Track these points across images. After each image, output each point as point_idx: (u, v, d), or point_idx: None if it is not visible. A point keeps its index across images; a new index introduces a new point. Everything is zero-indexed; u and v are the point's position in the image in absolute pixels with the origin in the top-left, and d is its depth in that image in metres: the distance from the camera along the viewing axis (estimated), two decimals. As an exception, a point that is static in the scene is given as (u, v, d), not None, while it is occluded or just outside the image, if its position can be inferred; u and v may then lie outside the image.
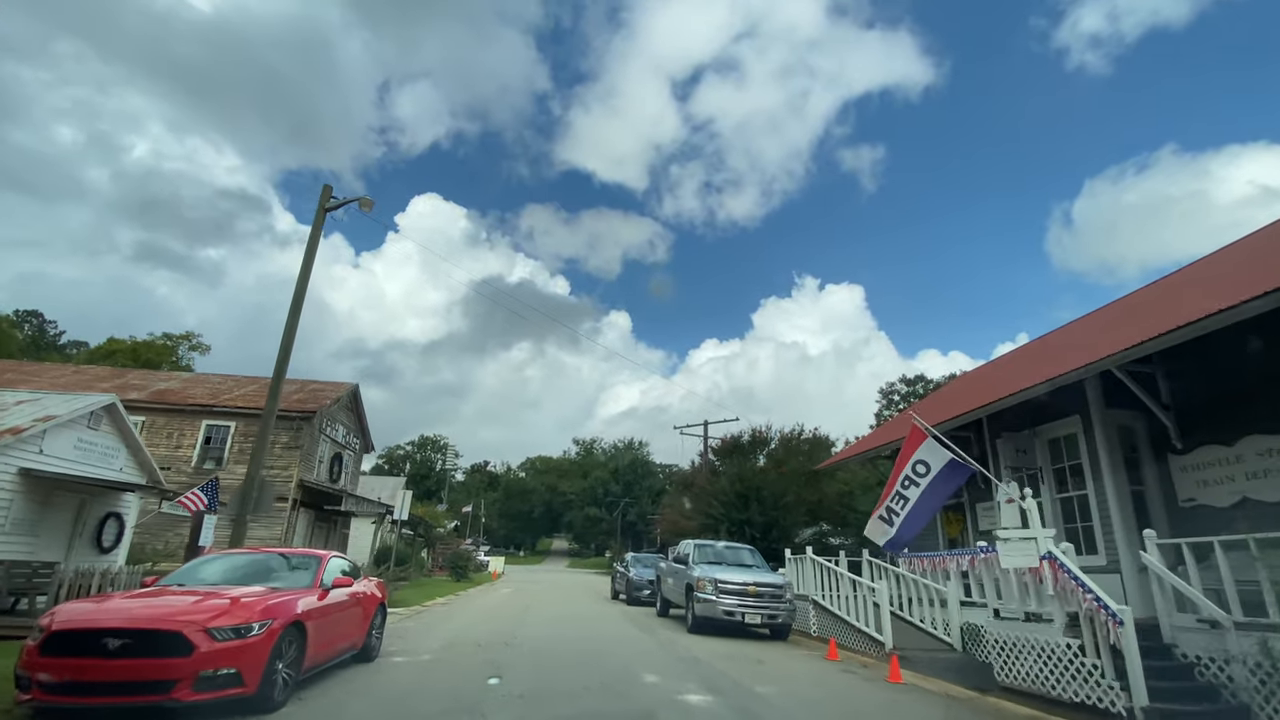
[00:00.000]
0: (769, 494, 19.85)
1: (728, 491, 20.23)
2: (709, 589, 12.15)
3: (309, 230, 13.38)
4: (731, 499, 20.06)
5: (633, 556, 22.29)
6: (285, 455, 23.92)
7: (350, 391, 28.69)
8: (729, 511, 20.06)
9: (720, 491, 20.58)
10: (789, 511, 19.89)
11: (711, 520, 20.29)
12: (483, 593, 26.57)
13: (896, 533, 8.34)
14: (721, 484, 20.84)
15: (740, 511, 20.04)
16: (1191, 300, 8.17)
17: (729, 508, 20.10)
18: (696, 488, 24.43)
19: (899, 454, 8.58)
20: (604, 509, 62.41)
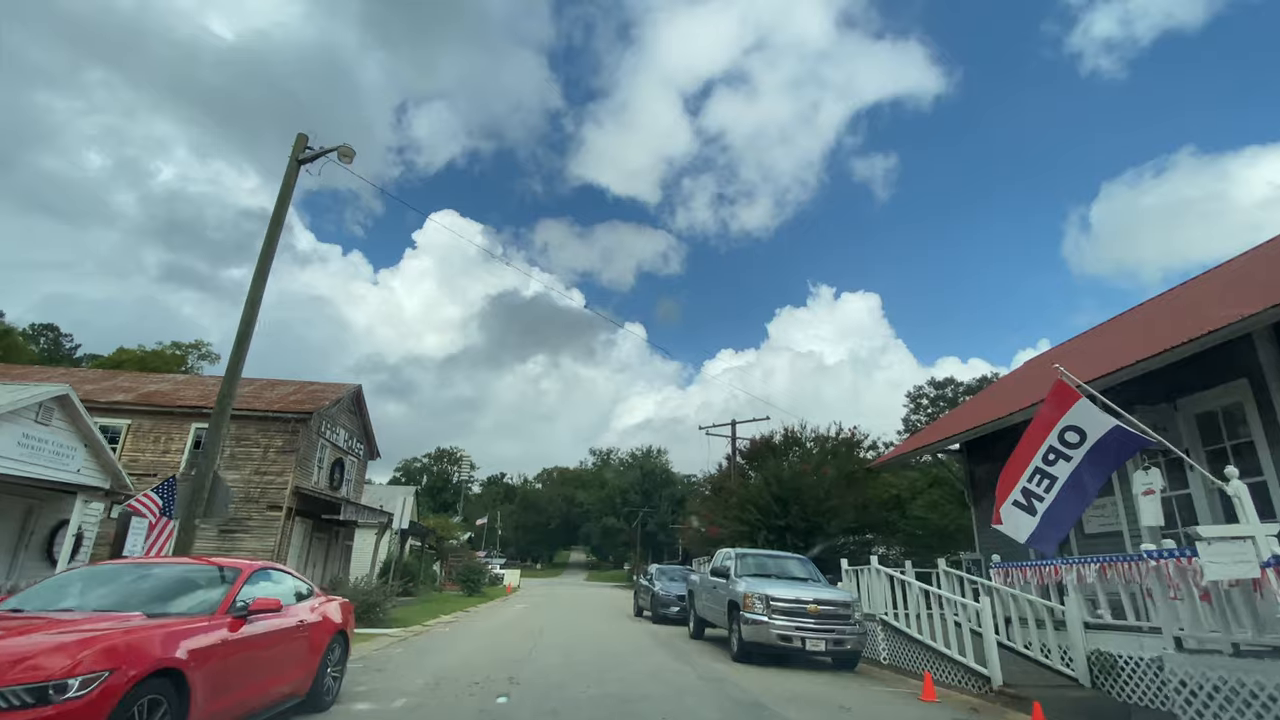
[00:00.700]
0: (811, 497, 17.55)
1: (764, 494, 17.95)
2: (758, 607, 9.90)
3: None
4: (769, 503, 17.77)
5: (657, 569, 20.03)
6: (280, 460, 22.06)
7: (352, 393, 26.87)
8: (766, 517, 17.77)
9: (755, 495, 18.30)
10: (834, 516, 17.56)
11: (746, 527, 18.00)
12: (493, 610, 24.41)
13: (1040, 523, 6.04)
14: (756, 486, 18.57)
15: (779, 516, 17.74)
16: None
17: (766, 513, 17.80)
18: (726, 492, 22.14)
19: (1035, 420, 6.30)
20: (622, 519, 60.01)
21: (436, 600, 28.13)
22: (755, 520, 17.61)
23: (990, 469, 13.52)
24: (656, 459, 63.49)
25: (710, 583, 12.41)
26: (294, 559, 22.41)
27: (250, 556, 21.23)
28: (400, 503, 18.35)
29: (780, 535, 17.29)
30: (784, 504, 17.81)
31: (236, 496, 21.70)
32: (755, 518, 17.60)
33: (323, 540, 25.13)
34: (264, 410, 22.36)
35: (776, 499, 17.75)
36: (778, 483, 17.99)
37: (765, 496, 17.78)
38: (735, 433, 25.72)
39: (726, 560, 11.98)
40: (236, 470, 21.83)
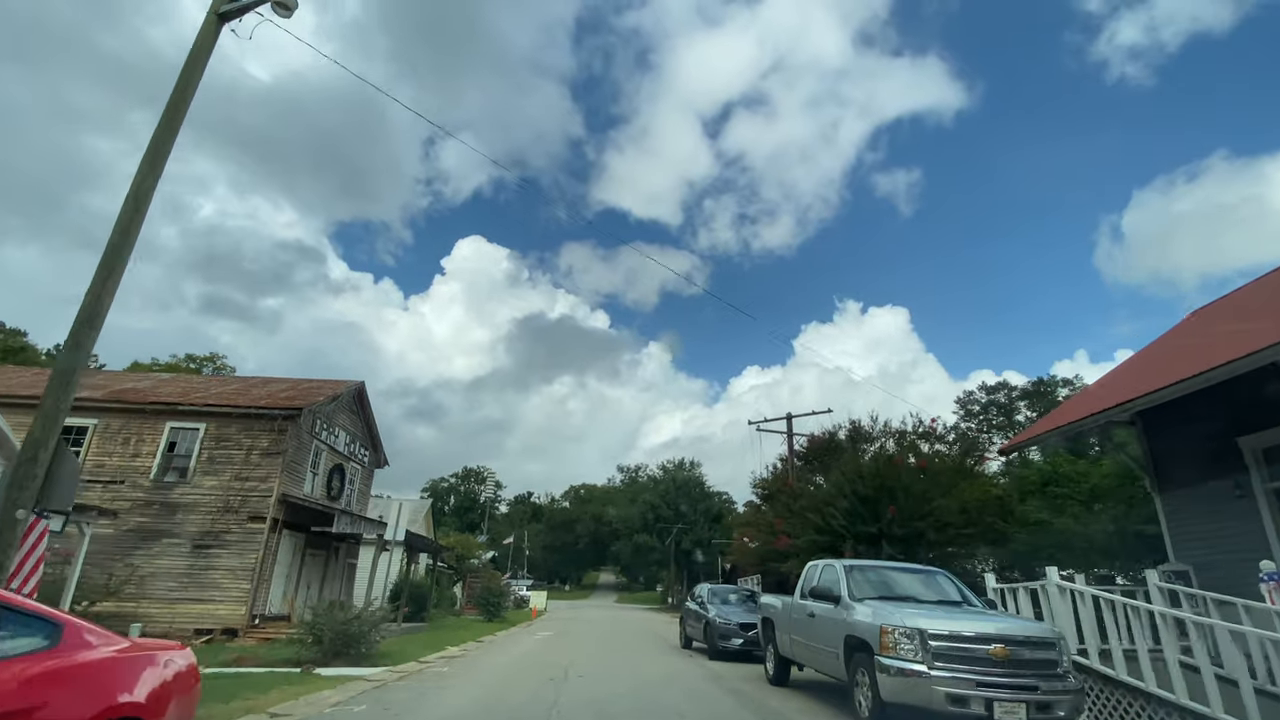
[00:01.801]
0: (910, 496, 13.77)
1: (845, 494, 14.20)
2: (906, 648, 6.23)
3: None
4: (854, 504, 14.02)
5: (709, 590, 16.31)
6: (264, 463, 19.04)
7: (353, 390, 23.86)
8: (853, 522, 13.99)
9: (834, 495, 14.55)
10: (942, 522, 13.73)
11: (826, 536, 14.24)
12: (513, 639, 20.85)
13: None
14: (834, 484, 14.81)
15: (868, 521, 13.96)
16: None
17: (852, 517, 14.04)
18: (786, 495, 18.40)
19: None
20: (655, 535, 55.95)
21: (449, 627, 24.69)
22: (839, 527, 13.85)
23: (1192, 444, 9.66)
24: (690, 471, 59.50)
25: (804, 609, 8.73)
26: (281, 578, 19.25)
27: (229, 575, 18.13)
28: (395, 510, 15.04)
29: (873, 546, 13.51)
30: (873, 506, 14.04)
31: (214, 506, 18.76)
32: (839, 524, 13.83)
33: (318, 558, 21.97)
34: (247, 407, 19.41)
35: (863, 499, 14.00)
36: (863, 479, 14.23)
37: (848, 496, 14.02)
38: (791, 427, 21.99)
39: (831, 576, 8.31)
40: (214, 475, 18.91)
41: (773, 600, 10.54)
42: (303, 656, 12.35)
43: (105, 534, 18.07)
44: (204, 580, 17.89)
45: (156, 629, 17.35)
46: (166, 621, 17.47)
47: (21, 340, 57.88)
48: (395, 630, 20.56)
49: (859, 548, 13.62)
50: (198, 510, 18.53)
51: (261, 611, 18.16)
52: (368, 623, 12.73)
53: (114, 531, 18.15)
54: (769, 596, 10.95)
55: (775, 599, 10.48)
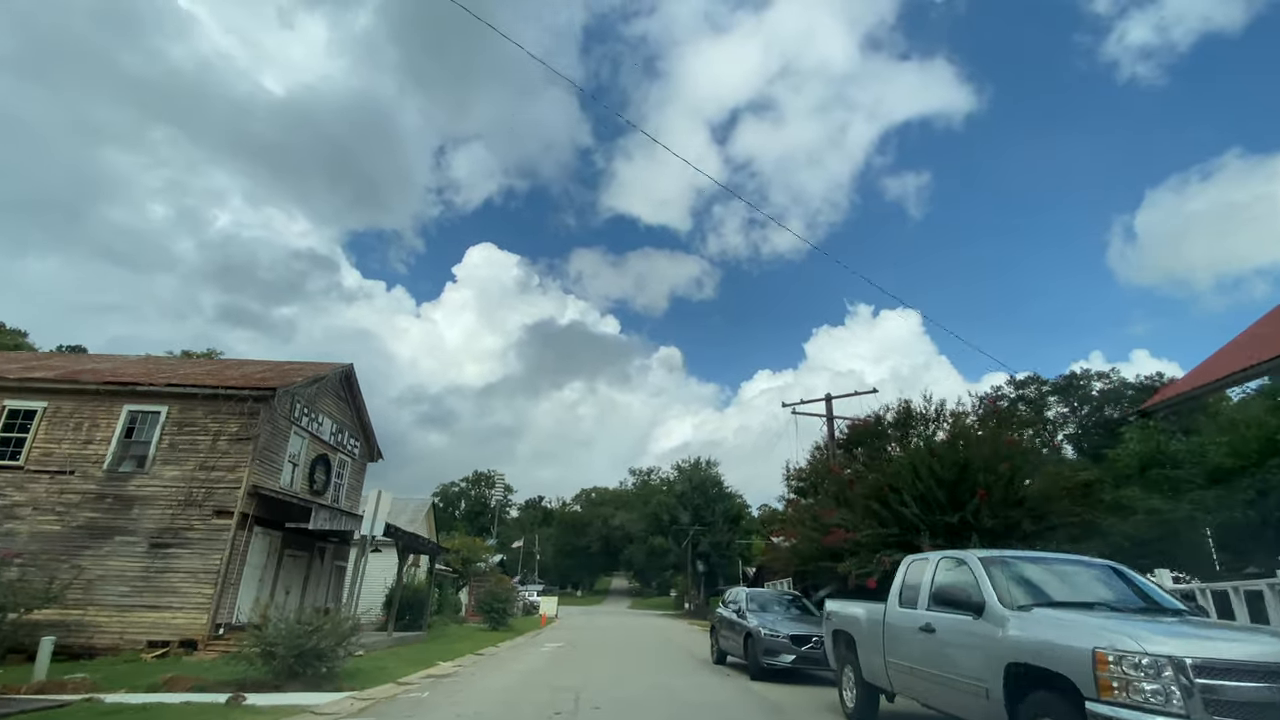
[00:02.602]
0: (998, 480, 11.11)
1: (921, 477, 11.56)
2: (1152, 688, 3.64)
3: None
4: (931, 489, 11.36)
5: (748, 595, 13.68)
6: (232, 450, 16.70)
7: (340, 373, 21.53)
8: (929, 511, 11.34)
9: (903, 477, 11.90)
10: (1038, 511, 11.06)
11: (894, 529, 11.61)
12: (518, 651, 18.35)
13: None
14: (902, 466, 12.14)
15: (947, 510, 11.32)
16: None
17: (928, 504, 11.39)
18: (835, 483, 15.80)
19: None
20: (670, 538, 53.12)
21: (448, 637, 22.23)
22: (913, 517, 11.18)
23: None
24: (707, 470, 56.72)
25: (911, 621, 6.12)
26: (252, 582, 16.89)
27: (189, 578, 15.80)
28: (373, 501, 12.61)
29: (954, 539, 10.86)
30: (952, 490, 11.39)
31: (175, 499, 16.45)
32: (913, 513, 11.17)
33: (299, 560, 19.60)
34: (214, 387, 17.10)
35: (942, 483, 11.35)
36: (940, 459, 11.57)
37: (924, 480, 11.35)
38: (831, 410, 19.35)
39: (962, 575, 5.70)
40: (176, 465, 16.61)
41: (848, 609, 7.94)
42: (248, 677, 9.93)
43: (51, 530, 15.87)
44: (161, 584, 15.55)
45: (105, 640, 15.06)
46: (116, 632, 15.16)
47: (20, 339, 56.41)
48: (384, 641, 18.14)
49: (939, 543, 10.98)
50: (156, 504, 16.22)
51: (228, 620, 15.79)
52: (333, 635, 10.27)
53: (61, 528, 15.92)
54: (841, 603, 8.34)
55: (852, 606, 7.88)
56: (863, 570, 11.52)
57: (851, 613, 7.77)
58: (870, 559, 11.54)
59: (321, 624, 10.44)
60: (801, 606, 13.37)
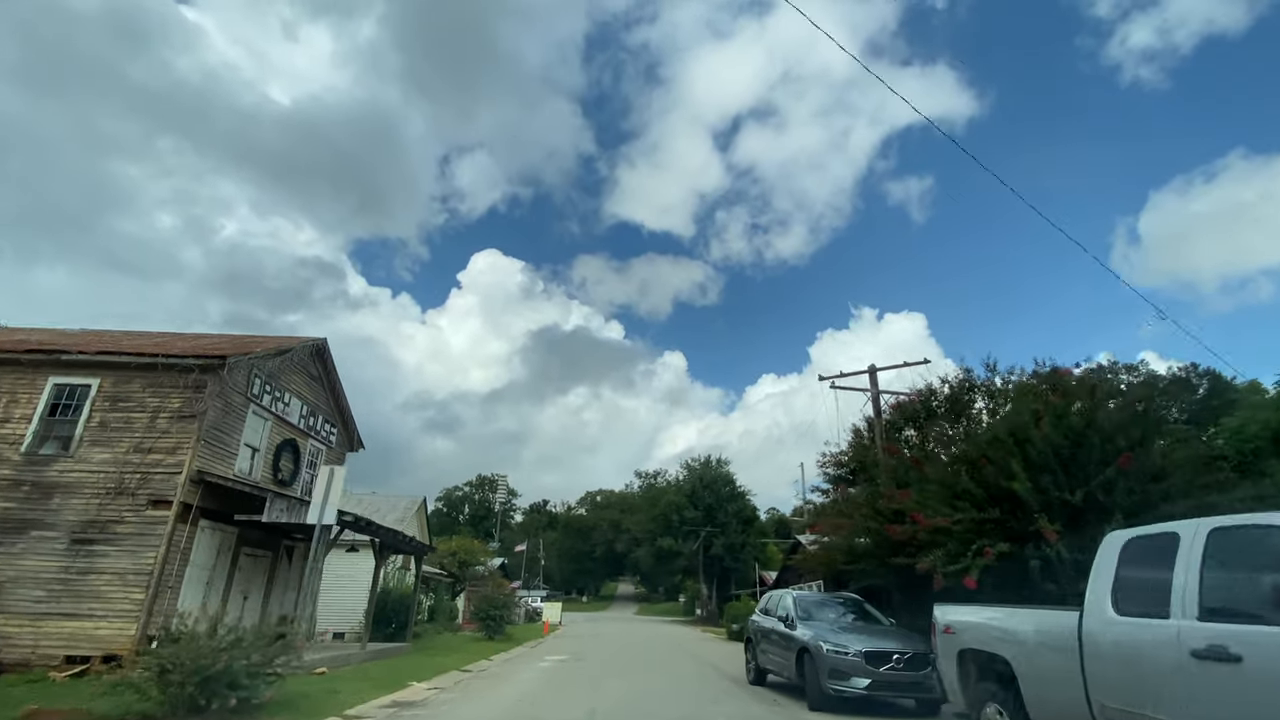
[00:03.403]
0: (1131, 449, 8.42)
1: (1036, 445, 8.84)
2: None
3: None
4: (1047, 459, 8.64)
5: (794, 598, 10.92)
6: (173, 430, 14.13)
7: (311, 348, 18.97)
8: (1044, 487, 8.62)
9: (999, 452, 9.18)
10: (1188, 483, 8.38)
11: (996, 514, 8.90)
12: (512, 667, 15.69)
13: None
14: (1004, 431, 9.38)
15: (1064, 486, 8.62)
16: None
17: (1042, 478, 8.66)
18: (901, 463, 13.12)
19: None
20: (680, 539, 50.30)
21: (436, 649, 19.59)
22: (1026, 495, 8.42)
23: None
24: (718, 469, 53.89)
25: (1175, 640, 3.44)
26: (197, 585, 14.29)
27: (117, 581, 13.21)
28: (323, 482, 10.01)
29: (1076, 521, 8.19)
30: (1064, 462, 8.71)
31: (104, 487, 13.89)
32: (1026, 489, 8.41)
33: (260, 560, 17.00)
34: (154, 355, 14.55)
35: (1056, 451, 8.66)
36: (1061, 419, 8.85)
37: (1038, 446, 8.61)
38: (877, 383, 16.65)
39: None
40: (108, 447, 14.06)
41: (993, 618, 5.25)
42: (134, 710, 7.32)
43: None
44: (82, 588, 12.95)
45: (15, 655, 12.43)
46: (29, 646, 12.55)
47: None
48: (357, 656, 15.51)
49: (1056, 526, 8.29)
50: (81, 493, 13.64)
51: (166, 630, 13.13)
52: (253, 651, 7.65)
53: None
54: (969, 610, 5.64)
55: (997, 614, 5.18)
56: (953, 566, 8.82)
57: (1002, 625, 5.08)
58: (963, 551, 8.84)
59: (239, 638, 7.81)
60: (862, 612, 10.66)
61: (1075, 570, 8.57)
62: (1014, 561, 8.70)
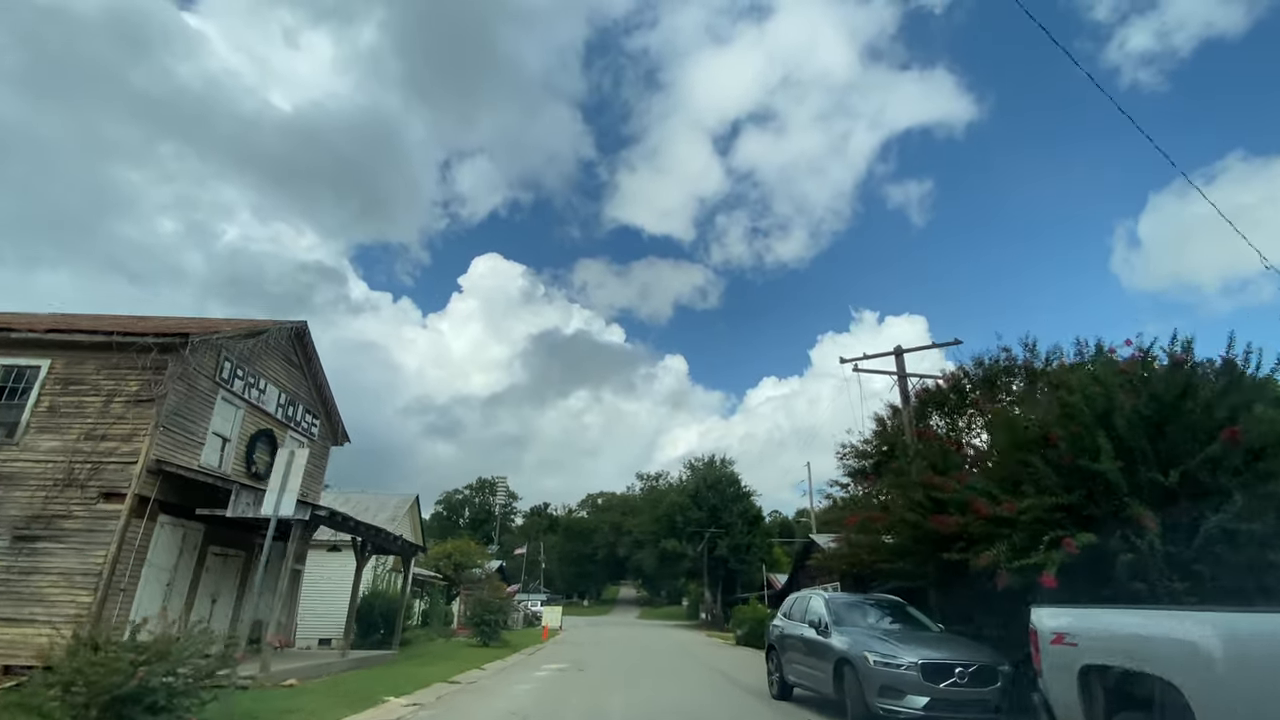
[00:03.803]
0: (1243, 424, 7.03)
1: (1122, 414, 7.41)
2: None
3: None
4: (1132, 434, 7.21)
5: (825, 601, 9.46)
6: (129, 415, 12.78)
7: (289, 331, 17.62)
8: (1133, 464, 7.21)
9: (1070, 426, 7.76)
10: None
11: (1074, 499, 7.48)
12: (504, 678, 14.28)
13: None
14: (1079, 403, 7.92)
15: (1152, 463, 7.21)
16: None
17: (1129, 456, 7.25)
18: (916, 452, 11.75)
19: None
20: (684, 540, 48.73)
21: (426, 656, 18.18)
22: (1114, 475, 6.98)
23: None
24: (722, 468, 52.38)
25: None
26: (156, 587, 12.93)
27: (62, 582, 11.84)
28: (282, 465, 8.62)
29: (1169, 506, 6.79)
30: (1150, 438, 7.32)
31: (52, 478, 12.53)
32: (1115, 470, 6.96)
33: (232, 561, 15.63)
34: (109, 333, 13.20)
35: (1144, 424, 7.25)
36: (1146, 380, 7.47)
37: (1127, 418, 7.18)
38: (903, 365, 15.25)
39: None
40: (57, 434, 12.74)
41: (1182, 624, 3.82)
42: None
43: None
44: (23, 589, 11.59)
45: (-55, 667, 11.10)
46: (-39, 655, 11.19)
47: None
48: (335, 665, 14.12)
49: (1144, 510, 6.90)
50: (26, 484, 12.28)
51: (77, 636, 11.73)
52: (173, 666, 6.26)
53: (-104, 518, 11.97)
54: (1140, 613, 4.25)
55: (1190, 619, 3.76)
56: (1021, 561, 7.41)
57: (1158, 632, 3.66)
58: (1032, 543, 7.43)
59: (164, 649, 6.43)
60: (905, 616, 9.23)
61: (1168, 565, 7.17)
62: (1091, 556, 7.29)
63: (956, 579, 10.38)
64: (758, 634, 27.75)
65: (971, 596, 10.62)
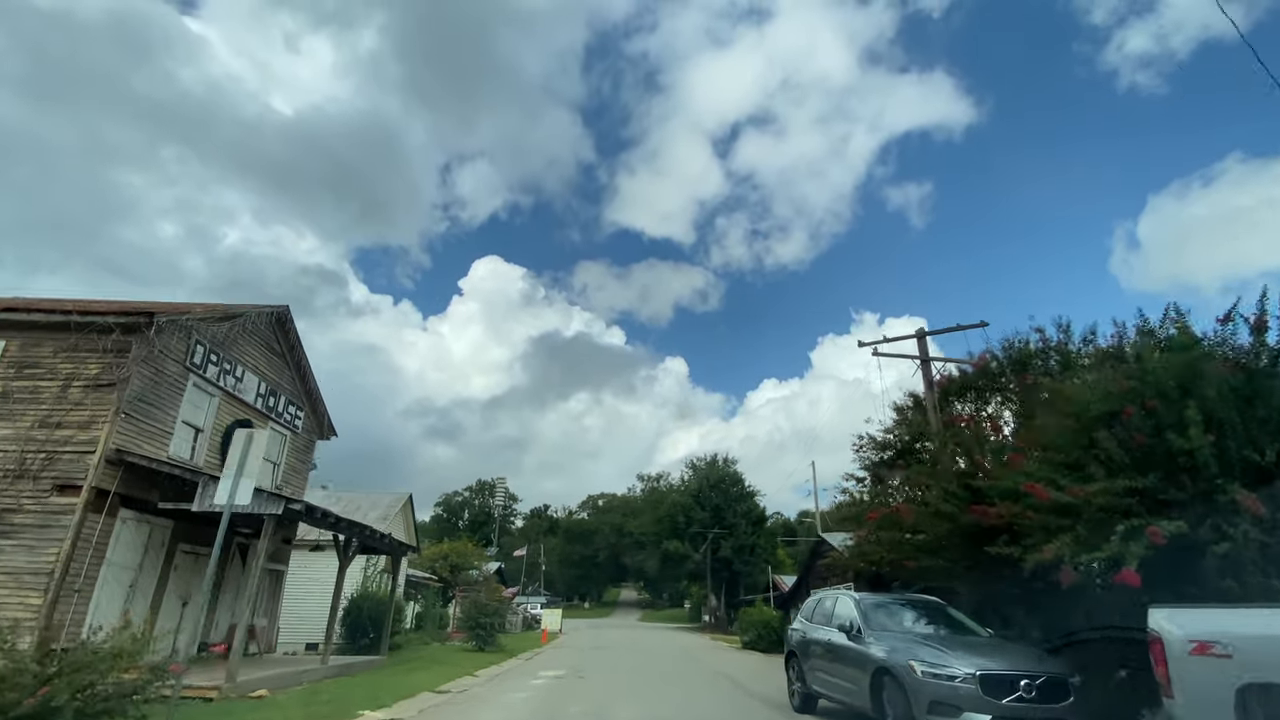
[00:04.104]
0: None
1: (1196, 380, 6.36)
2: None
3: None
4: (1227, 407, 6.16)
5: (854, 601, 8.36)
6: (88, 401, 11.78)
7: (270, 315, 16.58)
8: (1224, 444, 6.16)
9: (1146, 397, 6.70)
10: None
11: (1152, 481, 6.42)
12: (496, 686, 13.21)
13: None
14: (1157, 369, 6.85)
15: (1250, 444, 6.15)
16: None
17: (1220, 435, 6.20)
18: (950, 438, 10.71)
19: None
20: (686, 541, 47.55)
21: (413, 663, 17.11)
22: (1207, 454, 5.92)
23: None
24: (725, 468, 51.25)
25: None
26: (117, 588, 11.92)
27: (10, 582, 10.79)
28: (238, 445, 7.57)
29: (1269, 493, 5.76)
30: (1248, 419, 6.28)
31: (2, 468, 11.50)
32: (1205, 448, 5.89)
33: (206, 560, 14.52)
34: (67, 313, 12.18)
35: (1236, 395, 6.20)
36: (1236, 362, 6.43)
37: (1221, 391, 6.12)
38: (926, 349, 14.20)
39: None
40: (9, 422, 11.77)
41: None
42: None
43: None
44: (-34, 592, 10.52)
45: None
46: (-105, 664, 10.11)
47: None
48: (315, 673, 13.04)
49: (1244, 492, 5.85)
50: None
51: (72, 642, 10.68)
52: (90, 680, 5.20)
53: None
54: None
55: None
56: (1093, 554, 6.36)
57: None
58: (1103, 534, 6.37)
59: (83, 660, 5.37)
60: (948, 620, 8.15)
61: (1263, 557, 6.12)
62: (1172, 548, 6.23)
63: (994, 577, 9.34)
64: (765, 638, 26.62)
65: (1012, 597, 9.57)
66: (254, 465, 7.50)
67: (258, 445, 7.60)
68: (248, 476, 7.49)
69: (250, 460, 7.48)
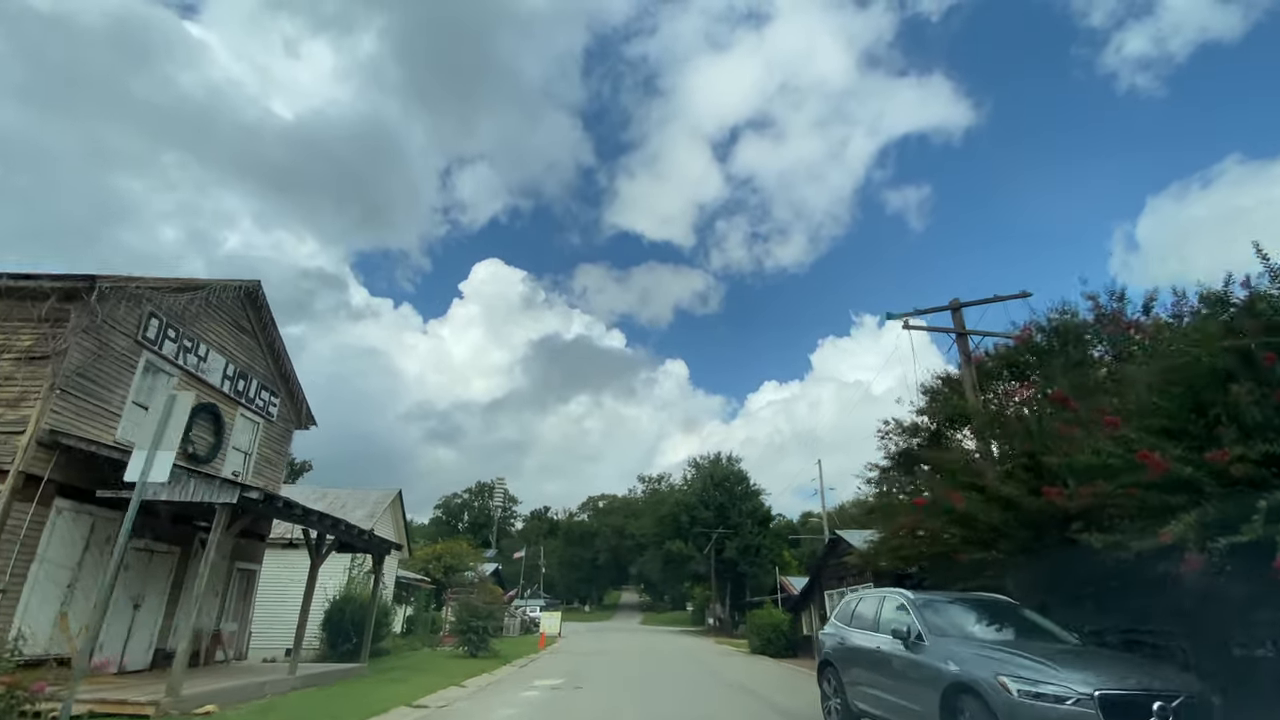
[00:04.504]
0: None
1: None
2: None
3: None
4: None
5: (906, 601, 6.96)
6: (19, 375, 10.41)
7: (238, 290, 15.19)
8: None
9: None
10: None
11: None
12: (484, 700, 11.78)
13: None
14: None
15: None
16: None
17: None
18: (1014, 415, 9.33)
19: None
20: (689, 542, 46.02)
21: (397, 671, 15.70)
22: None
23: None
24: (729, 466, 49.76)
25: None
26: (53, 588, 10.51)
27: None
28: (157, 412, 6.19)
29: None
30: None
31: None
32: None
33: (163, 558, 13.14)
34: None
35: None
36: None
37: None
38: (963, 323, 12.82)
39: None
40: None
41: None
42: None
43: None
44: None
45: None
46: None
47: None
48: (282, 684, 11.61)
49: None
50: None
51: None
52: None
53: None
54: None
55: None
56: (1230, 538, 4.97)
57: None
58: (1245, 511, 4.97)
59: None
60: (1022, 623, 6.69)
61: None
62: None
63: (1062, 572, 7.94)
64: (775, 642, 25.18)
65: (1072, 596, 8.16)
66: (175, 436, 6.11)
67: (179, 411, 6.21)
68: (165, 448, 6.09)
69: (170, 430, 6.09)
